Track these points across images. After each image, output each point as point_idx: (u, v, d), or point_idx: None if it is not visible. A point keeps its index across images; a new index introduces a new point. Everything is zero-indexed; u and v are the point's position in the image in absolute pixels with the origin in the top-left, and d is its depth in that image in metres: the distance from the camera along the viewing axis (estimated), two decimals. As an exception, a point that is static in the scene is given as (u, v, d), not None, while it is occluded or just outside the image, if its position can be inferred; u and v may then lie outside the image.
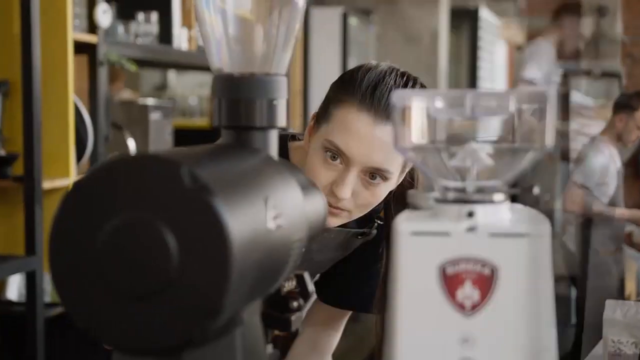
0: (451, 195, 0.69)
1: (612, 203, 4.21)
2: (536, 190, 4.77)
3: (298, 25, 0.81)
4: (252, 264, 0.63)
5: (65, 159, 2.50)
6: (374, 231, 1.40)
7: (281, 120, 0.79)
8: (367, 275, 1.42)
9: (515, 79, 4.28)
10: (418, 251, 0.68)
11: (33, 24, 2.37)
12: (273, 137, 0.80)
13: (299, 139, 1.39)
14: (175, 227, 0.60)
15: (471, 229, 0.67)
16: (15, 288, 2.65)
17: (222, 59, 0.79)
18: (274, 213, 0.69)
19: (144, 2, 3.03)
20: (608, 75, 8.77)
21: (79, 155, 2.59)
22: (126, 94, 4.27)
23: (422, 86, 1.30)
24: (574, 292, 4.35)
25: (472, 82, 7.44)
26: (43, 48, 2.43)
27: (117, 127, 2.91)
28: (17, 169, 2.41)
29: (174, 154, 0.65)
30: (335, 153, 1.22)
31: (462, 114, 0.70)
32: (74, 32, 2.57)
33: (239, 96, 0.78)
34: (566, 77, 4.95)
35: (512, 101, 0.68)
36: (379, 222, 1.39)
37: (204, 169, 0.63)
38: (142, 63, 3.22)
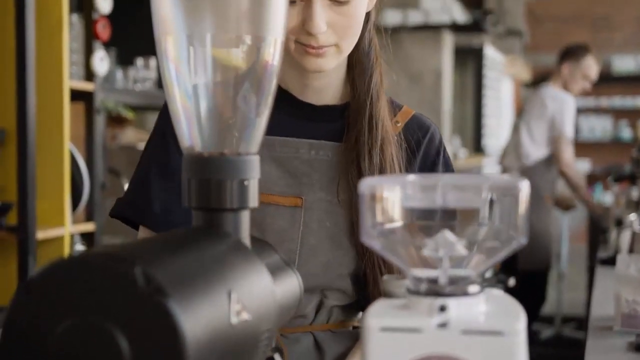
0: (423, 287, 0.67)
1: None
2: None
3: (270, 102, 0.79)
4: (209, 368, 0.60)
5: (60, 208, 2.48)
6: None
7: (253, 201, 0.77)
8: None
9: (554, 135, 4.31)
10: (388, 348, 0.65)
11: (29, 72, 2.36)
12: (244, 218, 0.77)
13: None
14: (128, 330, 0.58)
15: (443, 325, 0.64)
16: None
17: (192, 138, 0.77)
18: (239, 307, 0.66)
19: (143, 48, 3.03)
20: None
21: (75, 204, 2.57)
22: (131, 133, 4.27)
23: None
24: None
25: (477, 119, 7.43)
26: (39, 96, 2.42)
27: (114, 173, 2.89)
28: (11, 218, 2.39)
29: (131, 249, 0.63)
30: None
31: (433, 201, 0.68)
32: (71, 80, 2.57)
33: (209, 176, 0.75)
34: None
35: (484, 191, 0.66)
36: None
37: (160, 267, 0.60)
38: (142, 107, 3.22)
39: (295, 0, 1.13)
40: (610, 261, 2.72)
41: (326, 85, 1.25)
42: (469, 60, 7.05)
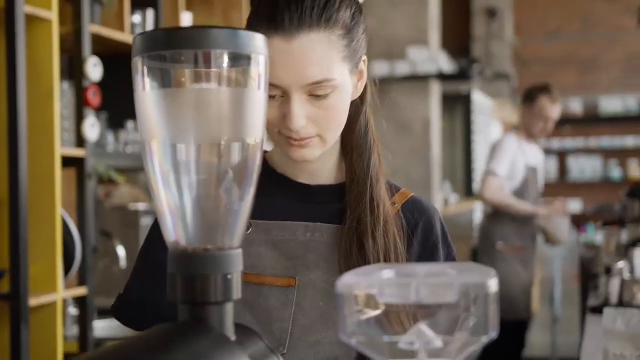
0: (401, 380, 0.69)
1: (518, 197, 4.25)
2: None
3: (251, 199, 0.82)
4: None
5: (52, 274, 2.50)
6: None
7: (237, 293, 0.80)
8: None
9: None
10: None
11: (21, 140, 2.40)
12: (229, 310, 0.80)
13: None
14: None
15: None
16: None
17: (177, 234, 0.80)
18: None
19: (133, 111, 3.07)
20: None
21: (67, 269, 2.59)
22: (125, 190, 4.29)
23: None
24: None
25: (467, 163, 7.49)
26: (31, 163, 2.45)
27: (106, 235, 2.91)
28: (4, 286, 2.41)
29: (112, 354, 0.65)
30: (272, 93, 1.12)
31: (408, 297, 0.71)
32: (63, 147, 2.60)
33: (194, 272, 0.78)
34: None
35: (455, 288, 0.69)
36: None
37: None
38: (134, 170, 3.25)
39: (274, 96, 1.13)
40: (600, 309, 2.74)
41: (320, 167, 1.25)
42: (458, 106, 7.14)
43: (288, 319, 1.18)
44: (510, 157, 4.19)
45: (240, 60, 0.79)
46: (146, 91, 0.79)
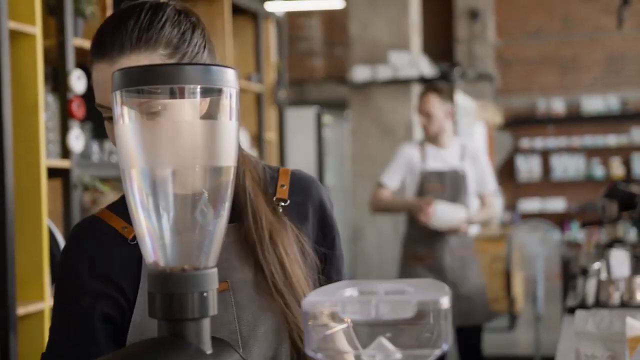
0: (362, 390, 0.76)
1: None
2: None
3: (225, 220, 0.88)
4: None
5: (40, 283, 2.55)
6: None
7: (213, 309, 0.86)
8: None
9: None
10: None
11: (7, 152, 2.44)
12: (205, 325, 0.86)
13: None
14: None
15: None
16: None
17: (156, 254, 0.86)
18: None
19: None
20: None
21: (54, 278, 2.64)
22: (111, 197, 4.33)
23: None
24: None
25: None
26: (17, 175, 2.50)
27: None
28: (-8, 295, 2.46)
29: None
30: (108, 114, 1.16)
31: (369, 314, 0.77)
32: (48, 158, 2.65)
33: (172, 290, 0.84)
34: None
35: (412, 305, 0.75)
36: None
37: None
38: (119, 179, 3.31)
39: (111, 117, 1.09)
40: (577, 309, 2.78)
41: None
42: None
43: (233, 320, 1.23)
44: (399, 167, 4.09)
45: (212, 93, 0.85)
46: (125, 123, 0.84)
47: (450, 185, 4.07)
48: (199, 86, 0.84)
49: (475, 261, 4.20)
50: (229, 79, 0.85)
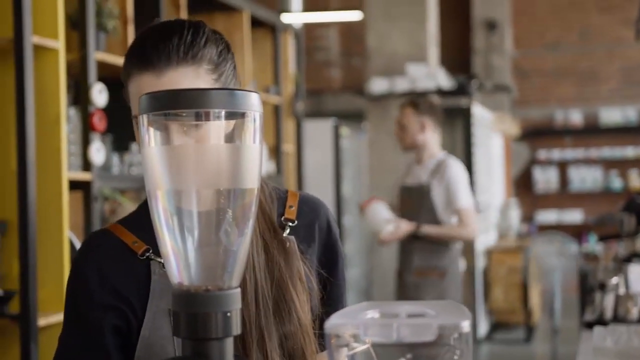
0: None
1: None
2: None
3: (249, 241, 0.90)
4: None
5: (60, 294, 2.58)
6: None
7: (236, 329, 0.87)
8: None
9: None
10: None
11: (29, 165, 2.48)
12: (229, 345, 0.87)
13: None
14: None
15: None
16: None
17: (180, 275, 0.88)
18: None
19: (138, 133, 3.14)
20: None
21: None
22: (129, 207, 4.37)
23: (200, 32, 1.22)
24: None
25: (469, 176, 7.54)
26: (39, 187, 2.53)
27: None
28: (14, 306, 2.49)
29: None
30: None
31: (390, 336, 0.78)
32: (70, 171, 2.68)
33: (196, 310, 0.86)
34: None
35: (432, 330, 0.77)
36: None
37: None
38: (139, 190, 3.33)
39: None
40: (594, 325, 2.78)
41: None
42: (458, 119, 7.19)
43: None
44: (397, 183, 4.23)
45: (236, 116, 0.87)
46: (151, 146, 0.86)
47: (415, 199, 4.07)
48: (223, 110, 0.86)
49: (438, 285, 4.01)
50: (253, 103, 0.87)
